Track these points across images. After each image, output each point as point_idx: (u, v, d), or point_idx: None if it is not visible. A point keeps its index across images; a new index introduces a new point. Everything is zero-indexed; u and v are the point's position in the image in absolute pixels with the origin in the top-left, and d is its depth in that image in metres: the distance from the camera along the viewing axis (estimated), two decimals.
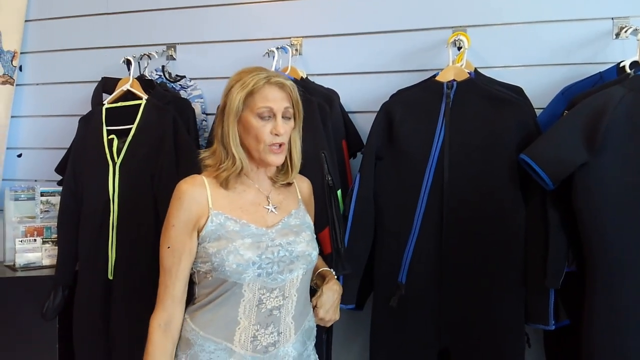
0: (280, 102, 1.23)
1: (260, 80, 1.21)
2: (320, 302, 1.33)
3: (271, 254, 1.21)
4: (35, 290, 1.95)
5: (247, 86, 1.21)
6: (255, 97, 1.21)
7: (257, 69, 1.25)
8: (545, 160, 1.44)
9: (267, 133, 1.22)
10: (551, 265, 1.48)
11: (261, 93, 1.21)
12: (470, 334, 1.56)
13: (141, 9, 2.23)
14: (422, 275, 1.60)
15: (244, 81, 1.22)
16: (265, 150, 1.23)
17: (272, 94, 1.22)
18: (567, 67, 1.79)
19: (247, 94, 1.21)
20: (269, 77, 1.22)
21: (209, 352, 1.20)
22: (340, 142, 1.82)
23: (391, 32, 1.99)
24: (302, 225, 1.30)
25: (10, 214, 2.22)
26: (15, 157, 2.45)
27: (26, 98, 2.43)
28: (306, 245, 1.27)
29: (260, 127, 1.21)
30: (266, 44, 1.99)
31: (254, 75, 1.22)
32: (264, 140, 1.22)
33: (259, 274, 1.19)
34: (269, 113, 1.21)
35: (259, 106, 1.21)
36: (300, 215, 1.33)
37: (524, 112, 1.57)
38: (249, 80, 1.21)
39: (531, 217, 1.53)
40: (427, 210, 1.59)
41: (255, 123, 1.21)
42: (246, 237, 1.20)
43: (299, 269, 1.24)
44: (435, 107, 1.61)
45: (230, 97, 1.22)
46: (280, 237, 1.24)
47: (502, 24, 1.86)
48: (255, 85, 1.21)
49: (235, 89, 1.22)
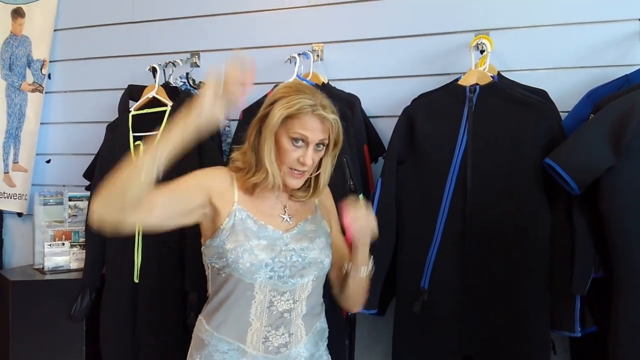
0: (317, 134, 1.20)
1: (305, 107, 1.18)
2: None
3: (284, 258, 1.22)
4: (64, 293, 2.00)
5: (291, 108, 1.18)
6: (294, 121, 1.19)
7: (306, 88, 1.22)
8: (571, 165, 1.42)
9: (295, 158, 1.21)
10: (578, 271, 1.46)
11: (301, 119, 1.18)
12: (494, 340, 1.55)
13: (166, 18, 2.28)
14: (445, 280, 1.58)
15: (290, 100, 1.19)
16: (286, 171, 1.22)
17: (311, 124, 1.19)
18: (593, 70, 1.76)
19: (288, 115, 1.18)
20: (315, 106, 1.19)
21: (223, 352, 1.22)
22: (361, 147, 1.82)
23: (412, 37, 1.98)
24: (317, 231, 1.30)
25: (40, 219, 2.28)
26: (44, 163, 2.52)
27: (55, 105, 2.50)
28: (319, 252, 1.26)
29: (290, 151, 1.20)
30: (288, 50, 2.01)
31: (302, 98, 1.19)
32: (289, 163, 1.21)
33: (271, 276, 1.20)
34: (302, 141, 1.20)
35: (295, 131, 1.19)
36: (317, 220, 1.32)
37: (549, 116, 1.55)
38: (295, 102, 1.18)
39: (556, 222, 1.51)
40: (449, 215, 1.58)
41: (287, 145, 1.20)
42: (262, 238, 1.21)
43: (310, 274, 1.25)
44: (458, 111, 1.60)
45: (272, 111, 1.20)
46: (295, 243, 1.25)
47: (525, 27, 1.84)
48: (299, 110, 1.18)
49: (279, 105, 1.19)
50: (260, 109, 1.24)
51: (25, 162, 2.50)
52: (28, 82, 2.50)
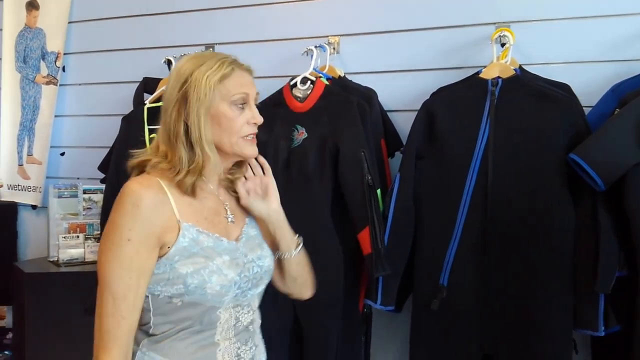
0: (252, 87, 1.08)
1: (228, 63, 1.05)
2: None
3: (247, 271, 1.08)
4: (79, 285, 2.00)
5: (219, 70, 1.03)
6: (228, 83, 1.04)
7: (208, 53, 1.11)
8: (597, 161, 1.39)
9: (244, 123, 1.07)
10: (602, 270, 1.43)
11: (234, 79, 1.05)
12: (515, 339, 1.52)
13: (181, 10, 2.26)
14: (464, 277, 1.56)
15: (210, 66, 1.04)
16: (239, 142, 1.07)
17: (244, 79, 1.07)
18: (617, 64, 1.71)
19: (219, 79, 1.03)
20: (235, 60, 1.08)
21: None
22: (379, 141, 1.80)
23: (430, 29, 1.95)
24: (259, 236, 1.17)
25: (54, 211, 2.29)
26: (59, 155, 2.52)
27: (69, 98, 2.50)
28: (270, 259, 1.15)
29: (235, 118, 1.05)
30: (303, 43, 1.98)
31: (218, 59, 1.05)
32: (239, 131, 1.06)
33: (237, 293, 1.06)
34: (244, 100, 1.07)
35: (234, 93, 1.05)
36: (254, 223, 1.18)
37: (573, 110, 1.51)
38: (217, 65, 1.04)
39: (580, 219, 1.48)
40: (470, 211, 1.55)
41: (230, 113, 1.05)
42: (223, 254, 1.05)
43: (263, 283, 1.14)
44: (480, 105, 1.57)
45: (195, 86, 1.02)
46: (250, 252, 1.11)
47: (547, 20, 1.80)
48: (226, 69, 1.04)
49: (200, 75, 1.03)
50: (168, 96, 1.05)
51: (40, 154, 2.51)
52: (42, 74, 2.50)
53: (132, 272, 0.97)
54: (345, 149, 1.65)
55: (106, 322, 0.99)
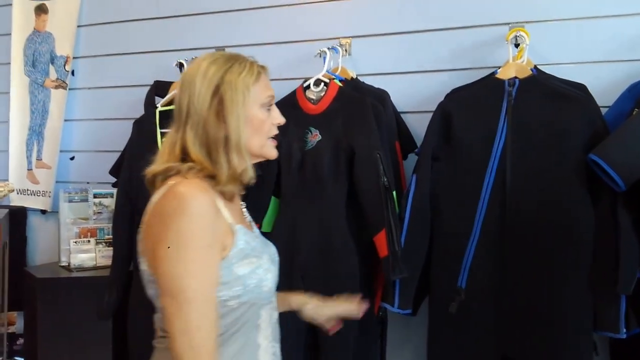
0: (272, 90, 1.09)
1: (256, 65, 1.05)
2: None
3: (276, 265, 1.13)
4: (90, 290, 1.99)
5: (251, 73, 1.02)
6: (258, 86, 1.04)
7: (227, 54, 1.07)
8: (617, 161, 1.38)
9: (271, 124, 1.08)
10: (623, 271, 1.41)
11: (261, 80, 1.05)
12: (534, 341, 1.50)
13: (191, 13, 2.25)
14: (483, 280, 1.54)
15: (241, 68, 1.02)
16: (264, 144, 1.07)
17: (268, 81, 1.08)
18: (632, 64, 1.70)
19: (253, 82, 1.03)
20: (255, 61, 1.07)
21: None
22: (393, 143, 1.79)
23: (442, 30, 1.94)
24: None
25: (65, 216, 2.28)
26: (68, 160, 2.51)
27: (79, 102, 2.49)
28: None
29: (265, 119, 1.06)
30: (314, 46, 1.98)
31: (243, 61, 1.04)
32: (268, 132, 1.07)
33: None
34: (271, 102, 1.07)
35: (266, 95, 1.06)
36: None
37: (591, 110, 1.50)
38: (246, 67, 1.03)
39: (600, 219, 1.46)
40: (488, 212, 1.54)
41: (262, 115, 1.05)
42: (265, 252, 1.08)
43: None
44: (496, 105, 1.55)
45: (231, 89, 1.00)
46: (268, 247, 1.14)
47: (561, 20, 1.79)
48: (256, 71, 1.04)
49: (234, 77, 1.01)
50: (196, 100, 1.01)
51: (49, 159, 2.50)
52: (51, 78, 2.50)
53: (213, 279, 0.95)
54: (360, 150, 1.64)
55: (198, 336, 0.91)
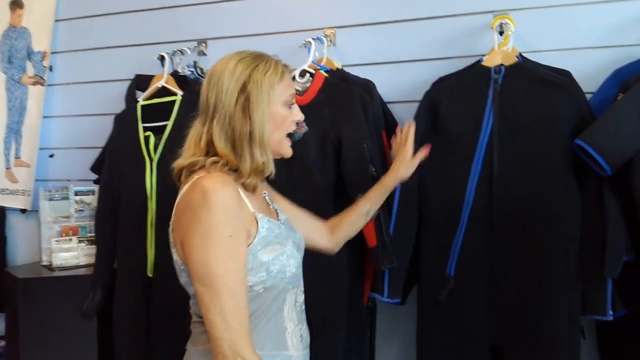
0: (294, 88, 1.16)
1: (281, 64, 1.11)
2: None
3: (300, 250, 1.19)
4: (73, 290, 1.95)
5: (277, 72, 1.08)
6: (281, 84, 1.10)
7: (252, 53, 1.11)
8: (603, 145, 1.38)
9: (291, 122, 1.14)
10: (610, 255, 1.42)
11: (285, 79, 1.11)
12: (523, 327, 1.51)
13: (171, 5, 2.21)
14: (471, 267, 1.54)
15: (267, 67, 1.08)
16: (281, 141, 1.13)
17: (290, 80, 1.15)
18: (617, 49, 1.71)
19: (278, 80, 1.08)
20: (279, 60, 1.12)
21: None
22: (380, 132, 1.77)
23: (427, 19, 1.92)
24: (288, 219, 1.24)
25: (45, 214, 2.22)
26: (48, 157, 2.45)
27: (57, 98, 2.43)
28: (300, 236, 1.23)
29: (287, 116, 1.12)
30: (298, 37, 1.94)
31: (269, 60, 1.10)
32: (288, 128, 1.13)
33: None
34: (293, 99, 1.13)
35: (289, 93, 1.11)
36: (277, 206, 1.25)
37: (576, 96, 1.51)
38: (272, 65, 1.08)
39: (587, 204, 1.48)
40: (475, 200, 1.53)
41: (284, 112, 1.11)
42: (289, 238, 1.14)
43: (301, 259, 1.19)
44: (483, 93, 1.55)
45: (257, 87, 1.06)
46: (293, 232, 1.19)
47: (545, 7, 1.78)
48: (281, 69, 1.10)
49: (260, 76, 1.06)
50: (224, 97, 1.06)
51: (28, 157, 2.43)
52: (29, 74, 2.43)
53: (241, 265, 1.01)
54: (348, 141, 1.63)
55: (233, 318, 0.98)
